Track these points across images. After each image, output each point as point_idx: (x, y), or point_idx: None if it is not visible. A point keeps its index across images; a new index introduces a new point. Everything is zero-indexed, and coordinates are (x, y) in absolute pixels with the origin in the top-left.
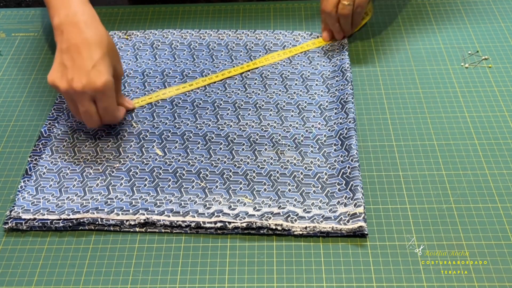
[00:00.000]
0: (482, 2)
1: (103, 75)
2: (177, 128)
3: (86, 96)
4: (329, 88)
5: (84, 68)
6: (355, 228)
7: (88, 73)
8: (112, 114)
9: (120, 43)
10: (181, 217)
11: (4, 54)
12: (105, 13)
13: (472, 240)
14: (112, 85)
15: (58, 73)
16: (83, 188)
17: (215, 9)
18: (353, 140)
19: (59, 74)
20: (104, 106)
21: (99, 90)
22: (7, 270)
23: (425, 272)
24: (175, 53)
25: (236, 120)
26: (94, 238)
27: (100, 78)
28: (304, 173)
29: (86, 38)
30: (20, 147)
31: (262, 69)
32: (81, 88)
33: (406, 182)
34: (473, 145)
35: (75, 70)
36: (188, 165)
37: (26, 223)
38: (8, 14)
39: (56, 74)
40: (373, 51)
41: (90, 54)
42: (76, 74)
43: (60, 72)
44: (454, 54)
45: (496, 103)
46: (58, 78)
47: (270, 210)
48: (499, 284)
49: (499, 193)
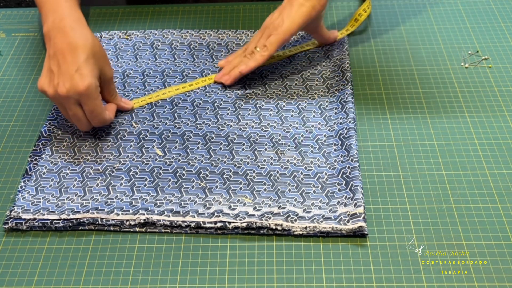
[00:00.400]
0: (482, 2)
1: (85, 78)
2: (177, 128)
3: (71, 100)
4: (329, 88)
5: (68, 72)
6: (355, 228)
7: (71, 77)
8: (99, 116)
9: (120, 43)
10: (181, 217)
11: (4, 54)
12: (105, 13)
13: (472, 240)
14: (95, 88)
15: (46, 78)
16: (83, 188)
17: (215, 9)
18: (353, 140)
19: (47, 80)
20: (89, 109)
21: (83, 94)
22: (7, 270)
23: (425, 272)
24: (175, 53)
25: (236, 120)
26: (94, 238)
27: (83, 82)
28: (304, 173)
29: (71, 42)
30: (20, 147)
31: (262, 69)
32: (65, 92)
33: (406, 182)
34: (473, 145)
35: (60, 75)
36: (188, 165)
37: (26, 223)
38: (8, 14)
39: (44, 80)
40: (373, 51)
41: (74, 59)
42: (61, 79)
43: (48, 78)
44: (454, 54)
45: (496, 103)
46: (46, 84)
47: (270, 210)
48: (499, 284)
49: (499, 193)
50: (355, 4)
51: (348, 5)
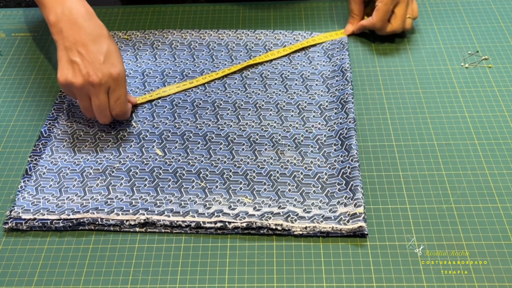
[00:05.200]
0: (482, 2)
1: (117, 65)
2: (177, 128)
3: (103, 88)
4: (329, 88)
5: (97, 61)
6: (355, 228)
7: (102, 65)
8: (123, 104)
9: (120, 43)
10: (181, 217)
11: (4, 54)
12: (105, 13)
13: (472, 240)
14: (124, 75)
15: (69, 70)
16: (83, 188)
17: (215, 9)
18: (353, 140)
19: (71, 71)
20: (116, 96)
21: (116, 80)
22: (7, 270)
23: (425, 272)
24: (175, 53)
25: (236, 120)
26: (94, 238)
27: (115, 69)
28: (304, 173)
29: (90, 33)
30: (20, 147)
31: (262, 69)
32: (98, 80)
33: (406, 182)
34: (473, 145)
35: (87, 65)
36: (188, 165)
37: (26, 223)
38: (8, 14)
39: (67, 71)
40: (373, 51)
41: (97, 48)
42: (90, 68)
43: (71, 69)
44: (454, 54)
45: (496, 103)
46: (70, 75)
47: (270, 210)
48: (499, 284)
49: (499, 193)
50: None
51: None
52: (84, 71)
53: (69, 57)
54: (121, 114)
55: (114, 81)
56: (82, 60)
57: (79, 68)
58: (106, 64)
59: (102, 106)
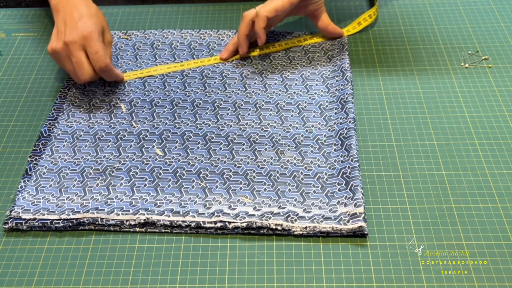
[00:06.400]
0: (482, 2)
1: (89, 25)
2: (177, 128)
3: (76, 45)
4: (329, 88)
5: (74, 23)
6: (355, 228)
7: (76, 25)
8: (102, 58)
9: (120, 43)
10: (181, 217)
11: (4, 54)
12: (105, 13)
13: (472, 240)
14: (98, 35)
15: (55, 38)
16: (83, 188)
17: (215, 9)
18: (353, 140)
19: (55, 39)
20: (93, 50)
21: (87, 36)
22: (7, 270)
23: (425, 272)
24: (175, 53)
25: (236, 120)
26: (94, 238)
27: (87, 28)
28: (304, 173)
29: (79, 9)
30: (20, 147)
31: (262, 69)
32: (71, 38)
33: (406, 182)
34: (473, 145)
35: (67, 28)
36: (188, 165)
37: (26, 223)
38: (8, 14)
39: (53, 40)
40: (373, 51)
41: (79, 15)
42: (68, 30)
43: (56, 37)
44: (454, 54)
45: (496, 103)
46: (54, 42)
47: (270, 210)
48: (499, 284)
49: (499, 193)
50: (361, 4)
51: (354, 5)
52: (62, 35)
53: (58, 28)
54: (106, 69)
55: (85, 37)
56: (64, 27)
57: (61, 35)
58: (80, 24)
59: (79, 62)
